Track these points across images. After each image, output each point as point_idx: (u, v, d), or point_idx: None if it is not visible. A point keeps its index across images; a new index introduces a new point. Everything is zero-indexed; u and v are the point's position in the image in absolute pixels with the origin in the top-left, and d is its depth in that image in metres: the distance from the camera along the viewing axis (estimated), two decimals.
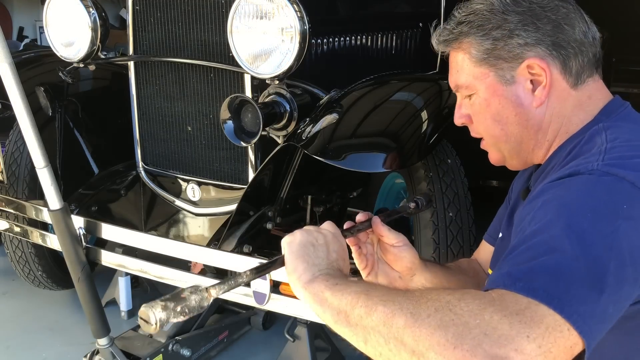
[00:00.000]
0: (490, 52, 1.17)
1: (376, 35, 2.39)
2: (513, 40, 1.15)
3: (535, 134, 1.21)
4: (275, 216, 2.06)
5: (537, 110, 1.18)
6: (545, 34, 1.14)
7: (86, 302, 2.16)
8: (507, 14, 1.15)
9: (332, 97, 1.87)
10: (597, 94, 1.19)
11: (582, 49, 1.15)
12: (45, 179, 2.02)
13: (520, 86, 1.17)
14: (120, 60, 2.59)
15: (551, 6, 1.15)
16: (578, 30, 1.15)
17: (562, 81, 1.17)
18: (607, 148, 1.04)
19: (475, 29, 1.18)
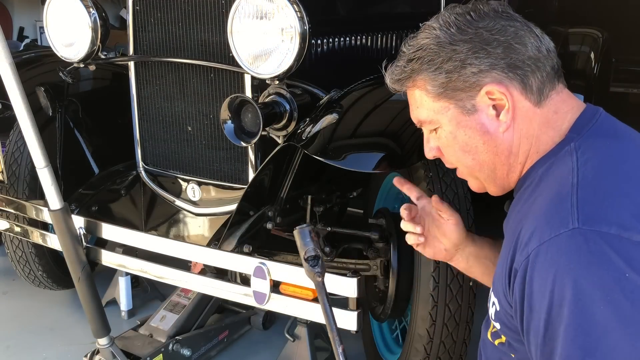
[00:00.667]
0: (446, 86, 1.15)
1: (376, 35, 2.39)
2: (466, 70, 1.12)
3: (507, 158, 1.19)
4: (275, 216, 2.06)
5: (505, 135, 1.16)
6: (497, 57, 1.11)
7: (86, 302, 2.16)
8: (455, 44, 1.12)
9: (332, 97, 1.87)
10: (563, 107, 1.16)
11: (538, 64, 1.13)
12: (46, 178, 2.03)
13: (483, 114, 1.15)
14: (120, 60, 2.59)
15: (498, 28, 1.12)
16: (530, 47, 1.12)
17: (525, 101, 1.14)
18: (579, 192, 1.01)
19: (426, 65, 1.16)
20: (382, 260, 2.02)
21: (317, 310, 1.82)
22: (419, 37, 1.19)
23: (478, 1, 1.18)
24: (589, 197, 0.99)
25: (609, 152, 1.08)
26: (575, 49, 4.02)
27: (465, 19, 1.13)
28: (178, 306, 2.51)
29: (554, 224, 0.98)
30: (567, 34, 4.01)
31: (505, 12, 1.16)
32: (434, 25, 1.17)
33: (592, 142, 1.09)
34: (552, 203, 1.03)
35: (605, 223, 0.95)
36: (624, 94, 5.79)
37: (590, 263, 0.93)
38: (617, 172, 1.04)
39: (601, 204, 0.99)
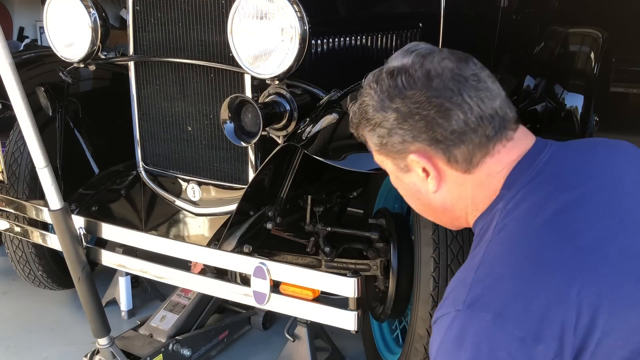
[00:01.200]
0: (380, 145, 1.19)
1: (376, 36, 2.39)
2: (393, 138, 1.15)
3: (444, 213, 1.23)
4: (276, 216, 2.06)
5: (436, 195, 1.19)
6: (420, 130, 1.12)
7: (86, 302, 2.16)
8: (385, 111, 1.14)
9: (332, 97, 1.87)
10: (497, 167, 1.14)
11: (463, 138, 1.11)
12: (46, 179, 2.03)
13: (414, 174, 1.19)
14: (120, 60, 2.59)
15: (422, 100, 1.10)
16: (455, 121, 1.10)
17: (451, 170, 1.15)
18: (479, 269, 1.04)
19: (365, 122, 1.19)
20: (382, 260, 2.02)
21: (317, 310, 1.82)
22: (365, 91, 1.19)
23: (426, 55, 1.14)
24: (481, 278, 1.03)
25: (523, 222, 1.07)
26: (575, 49, 4.02)
27: (395, 85, 1.13)
28: (178, 306, 2.51)
29: (451, 300, 1.04)
30: (567, 34, 4.01)
31: (442, 75, 1.11)
32: (372, 83, 1.17)
33: (516, 205, 1.10)
34: (463, 272, 1.08)
35: (485, 309, 0.99)
36: (624, 94, 5.79)
37: (463, 347, 0.99)
38: (517, 252, 1.04)
39: (488, 287, 1.02)
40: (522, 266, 1.02)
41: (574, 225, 1.04)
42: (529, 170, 1.12)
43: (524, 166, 1.13)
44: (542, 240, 1.03)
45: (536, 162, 1.13)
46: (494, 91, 1.13)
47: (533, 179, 1.11)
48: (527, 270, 1.01)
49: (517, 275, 1.01)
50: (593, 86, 4.02)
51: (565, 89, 3.89)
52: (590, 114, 4.09)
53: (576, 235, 1.03)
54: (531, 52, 3.71)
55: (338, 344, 2.58)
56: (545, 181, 1.11)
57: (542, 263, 1.01)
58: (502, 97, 1.14)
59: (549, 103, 3.75)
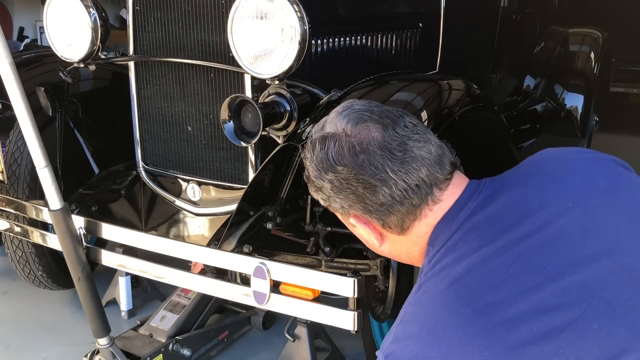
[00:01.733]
0: (326, 204, 1.26)
1: (376, 35, 2.39)
2: (333, 204, 1.23)
3: (395, 258, 1.33)
4: (276, 216, 2.05)
5: (382, 248, 1.28)
6: (353, 201, 1.19)
7: (86, 302, 2.16)
8: (322, 180, 1.21)
9: (332, 97, 1.87)
10: (424, 229, 1.21)
11: (391, 209, 1.17)
12: (46, 178, 2.02)
13: (360, 229, 1.26)
14: (120, 60, 2.59)
15: (349, 178, 1.16)
16: (382, 195, 1.16)
17: (388, 232, 1.23)
18: (395, 334, 1.11)
19: (310, 184, 1.26)
20: (382, 260, 2.02)
21: (317, 310, 1.82)
22: (307, 154, 1.25)
23: (355, 126, 1.17)
24: (399, 335, 1.11)
25: (434, 283, 1.11)
26: (575, 49, 4.02)
27: (327, 158, 1.18)
28: (178, 306, 2.51)
29: (384, 342, 1.12)
30: (567, 34, 4.01)
31: (367, 150, 1.14)
32: (311, 149, 1.23)
33: (434, 262, 1.14)
34: (396, 320, 1.15)
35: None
36: (624, 94, 5.79)
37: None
38: (423, 318, 1.09)
39: (401, 347, 1.08)
40: (424, 332, 1.07)
41: (477, 288, 1.06)
42: (447, 229, 1.17)
43: (444, 225, 1.18)
44: (442, 307, 1.07)
45: (454, 221, 1.17)
46: (420, 159, 1.16)
47: (449, 238, 1.15)
48: (427, 337, 1.06)
49: (419, 341, 1.07)
50: (593, 86, 4.02)
51: (565, 89, 3.90)
52: (590, 114, 4.10)
53: (476, 299, 1.04)
54: (531, 52, 3.71)
55: (338, 344, 2.58)
56: (460, 241, 1.14)
57: (439, 331, 1.05)
58: (432, 160, 1.17)
59: (549, 103, 3.75)
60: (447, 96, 1.98)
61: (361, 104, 1.23)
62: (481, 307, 1.03)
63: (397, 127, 1.17)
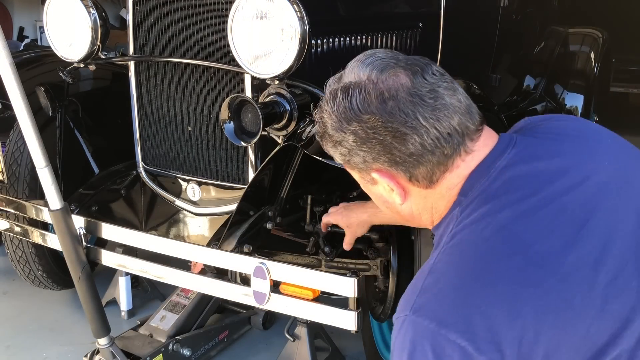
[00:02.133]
0: (344, 161, 1.20)
1: (376, 35, 2.39)
2: (354, 158, 1.15)
3: (412, 219, 1.26)
4: (275, 216, 2.06)
5: (403, 206, 1.21)
6: (378, 153, 1.12)
7: (86, 302, 2.16)
8: (344, 132, 1.13)
9: None
10: (455, 180, 1.15)
11: (420, 160, 1.10)
12: (46, 178, 2.03)
13: (380, 187, 1.20)
14: (120, 60, 2.59)
15: (377, 126, 1.09)
16: (412, 145, 1.09)
17: (414, 187, 1.16)
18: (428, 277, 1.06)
19: (327, 139, 1.18)
20: (382, 260, 2.02)
21: (317, 310, 1.82)
22: (324, 106, 1.17)
23: (382, 71, 1.11)
24: (429, 286, 1.05)
25: (474, 231, 1.07)
26: (575, 49, 4.02)
27: (351, 107, 1.10)
28: (178, 306, 2.51)
29: (403, 304, 1.06)
30: (567, 34, 4.01)
31: (396, 96, 1.08)
32: (330, 101, 1.14)
33: (470, 212, 1.10)
34: (417, 276, 1.10)
35: (429, 317, 1.00)
36: (624, 94, 5.79)
37: (407, 351, 1.01)
38: (464, 264, 1.05)
39: (434, 295, 1.03)
40: (467, 278, 1.02)
41: (525, 235, 1.03)
42: (483, 178, 1.12)
43: (480, 174, 1.13)
44: (488, 252, 1.03)
45: (491, 170, 1.12)
46: (451, 107, 1.10)
47: (487, 187, 1.11)
48: (472, 283, 1.01)
49: (462, 287, 1.02)
50: (593, 86, 4.02)
51: (565, 89, 3.89)
52: (590, 114, 4.09)
53: (526, 247, 1.02)
54: (531, 52, 3.71)
55: (338, 344, 2.58)
56: (500, 189, 1.10)
57: (487, 276, 1.01)
58: (462, 109, 1.12)
59: (549, 103, 3.75)
60: None
61: (384, 51, 1.16)
62: (531, 255, 1.00)
63: (426, 74, 1.11)
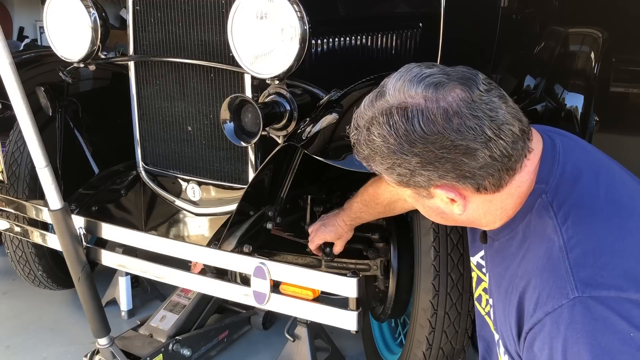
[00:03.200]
0: (400, 181, 1.15)
1: (376, 35, 2.39)
2: (417, 178, 1.11)
3: (470, 224, 1.25)
4: (275, 216, 2.06)
5: (462, 216, 1.19)
6: (446, 170, 1.09)
7: (86, 302, 2.16)
8: (405, 154, 1.08)
9: (332, 97, 1.87)
10: (524, 177, 1.16)
11: (490, 171, 1.10)
12: (46, 178, 2.02)
13: (438, 200, 1.17)
14: (120, 60, 2.59)
15: (447, 145, 1.06)
16: (482, 157, 1.07)
17: (480, 196, 1.15)
18: (569, 255, 1.05)
19: (378, 158, 1.13)
20: (382, 260, 2.02)
21: (317, 310, 1.82)
22: (372, 131, 1.11)
23: (435, 90, 1.07)
24: (580, 260, 1.04)
25: (582, 201, 1.11)
26: (575, 49, 4.02)
27: (414, 129, 1.06)
28: (178, 306, 2.51)
29: (555, 295, 1.02)
30: (567, 34, 4.01)
31: (459, 112, 1.05)
32: (384, 125, 1.09)
33: (563, 192, 1.13)
34: (547, 267, 1.07)
35: (603, 287, 1.00)
36: (624, 94, 5.78)
37: (596, 330, 0.97)
38: (597, 226, 1.07)
39: (593, 266, 1.02)
40: (616, 240, 1.05)
41: (629, 193, 1.15)
42: (554, 163, 1.16)
43: (549, 161, 1.17)
44: (620, 208, 1.10)
45: (556, 155, 1.18)
46: (509, 115, 1.10)
47: (564, 167, 1.16)
48: (624, 242, 1.04)
49: (616, 249, 1.04)
50: (593, 86, 4.02)
51: (565, 89, 3.89)
52: (590, 113, 4.09)
53: (634, 197, 1.14)
54: (531, 52, 3.71)
55: (338, 344, 2.58)
56: (575, 169, 1.16)
57: (633, 232, 1.06)
58: (516, 115, 1.12)
59: (549, 103, 3.75)
60: None
61: (426, 66, 1.12)
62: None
63: (480, 86, 1.09)
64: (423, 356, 1.88)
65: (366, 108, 1.13)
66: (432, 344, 1.87)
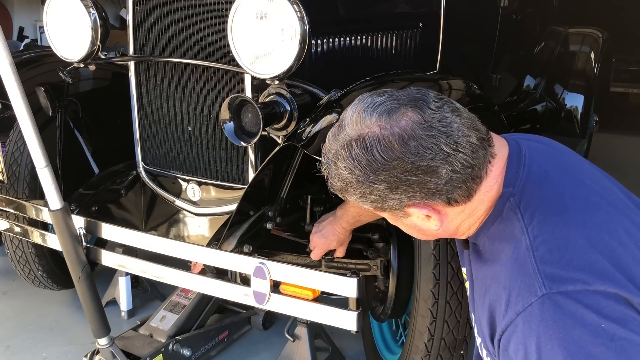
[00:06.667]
0: (375, 207, 1.19)
1: (376, 35, 2.38)
2: (388, 202, 1.15)
3: (449, 236, 1.28)
4: (275, 216, 2.06)
5: (439, 230, 1.22)
6: (414, 191, 1.13)
7: (86, 302, 2.16)
8: (372, 182, 1.13)
9: (332, 97, 1.87)
10: (491, 182, 1.19)
11: (455, 184, 1.13)
12: (46, 178, 2.02)
13: (414, 217, 1.20)
14: (120, 60, 2.59)
15: (409, 168, 1.10)
16: (444, 173, 1.11)
17: (452, 208, 1.18)
18: (535, 253, 1.07)
19: (351, 189, 1.17)
20: (382, 260, 2.02)
21: (317, 310, 1.82)
22: (338, 165, 1.15)
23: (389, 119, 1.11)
24: (546, 258, 1.06)
25: (548, 201, 1.14)
26: (575, 49, 4.02)
27: (375, 159, 1.10)
28: (178, 306, 2.51)
29: (524, 293, 1.05)
30: (567, 34, 4.01)
31: (415, 136, 1.09)
32: (348, 159, 1.13)
33: (529, 194, 1.16)
34: (515, 267, 1.10)
35: (569, 282, 1.02)
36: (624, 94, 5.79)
37: (567, 325, 0.99)
38: (563, 224, 1.10)
39: (559, 262, 1.04)
40: (581, 236, 1.07)
41: (597, 190, 1.17)
42: (520, 166, 1.19)
43: (515, 164, 1.20)
44: (587, 205, 1.12)
45: (522, 158, 1.20)
46: (464, 127, 1.13)
47: (530, 169, 1.18)
48: (588, 238, 1.06)
49: (581, 245, 1.06)
50: (593, 86, 4.02)
51: (565, 89, 3.90)
52: (590, 113, 4.10)
53: (602, 194, 1.16)
54: (531, 52, 3.71)
55: (338, 344, 2.58)
56: (541, 170, 1.19)
57: (598, 229, 1.08)
58: (472, 124, 1.14)
59: (549, 103, 3.75)
60: (447, 96, 1.97)
61: (377, 94, 1.17)
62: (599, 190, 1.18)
63: (430, 104, 1.12)
64: (425, 347, 1.88)
65: (331, 142, 1.18)
66: (433, 334, 1.87)
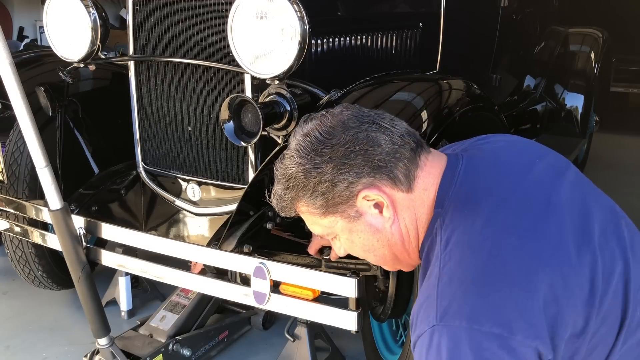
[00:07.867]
0: (326, 205, 1.22)
1: (376, 35, 2.39)
2: (338, 188, 1.19)
3: (402, 246, 1.28)
4: (276, 216, 2.05)
5: (393, 228, 1.24)
6: (360, 166, 1.17)
7: (86, 302, 2.16)
8: (319, 167, 1.18)
9: (332, 97, 1.87)
10: (429, 180, 1.23)
11: (397, 155, 1.19)
12: (46, 178, 2.02)
13: (367, 215, 1.23)
14: (120, 60, 2.59)
15: (349, 139, 1.17)
16: (385, 144, 1.18)
17: (398, 192, 1.21)
18: (439, 283, 1.09)
19: (302, 192, 1.22)
20: None
21: (317, 310, 1.82)
22: (285, 164, 1.25)
23: (324, 114, 1.24)
24: (445, 289, 1.08)
25: (465, 226, 1.14)
26: (575, 49, 4.03)
27: (318, 140, 1.19)
28: (178, 306, 2.51)
29: (423, 320, 1.08)
30: (567, 34, 4.01)
31: (351, 118, 1.21)
32: (293, 154, 1.22)
33: (452, 218, 1.17)
34: (424, 292, 1.12)
35: (456, 317, 1.03)
36: (624, 94, 5.80)
37: (446, 359, 1.02)
38: (469, 254, 1.10)
39: (453, 295, 1.06)
40: (479, 268, 1.07)
41: (509, 219, 1.13)
42: (451, 185, 1.21)
43: (447, 182, 1.22)
44: (488, 240, 1.10)
45: (455, 177, 1.22)
46: (396, 118, 1.25)
47: (458, 191, 1.20)
48: (485, 271, 1.06)
49: (478, 278, 1.06)
50: (593, 86, 4.02)
51: (565, 89, 3.90)
52: (590, 113, 4.10)
53: (515, 226, 1.11)
54: (531, 52, 3.71)
55: (338, 344, 2.58)
56: (470, 191, 1.19)
57: (496, 261, 1.07)
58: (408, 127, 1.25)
59: (549, 103, 3.75)
60: (447, 96, 1.98)
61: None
62: (522, 233, 1.10)
63: (362, 108, 1.26)
64: None
65: (276, 170, 1.30)
66: None
